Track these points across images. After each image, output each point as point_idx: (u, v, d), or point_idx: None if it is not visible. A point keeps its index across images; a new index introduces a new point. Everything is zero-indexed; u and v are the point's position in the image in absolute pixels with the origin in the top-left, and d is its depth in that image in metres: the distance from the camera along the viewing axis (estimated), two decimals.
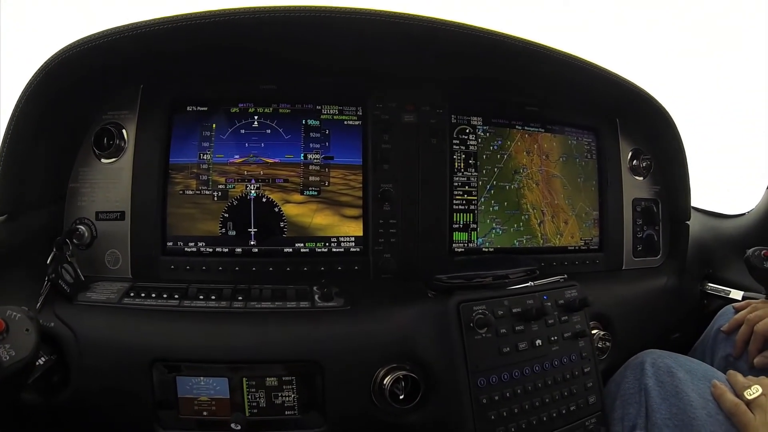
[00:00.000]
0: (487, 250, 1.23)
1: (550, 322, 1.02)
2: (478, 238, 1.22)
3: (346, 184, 1.13)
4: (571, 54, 1.08)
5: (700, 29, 1.67)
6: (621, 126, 1.36)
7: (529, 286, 1.06)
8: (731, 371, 0.98)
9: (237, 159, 1.09)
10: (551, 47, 1.05)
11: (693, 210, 1.41)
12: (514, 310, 0.99)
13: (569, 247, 1.31)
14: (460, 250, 1.21)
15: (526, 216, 1.26)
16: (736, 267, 1.39)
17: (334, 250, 1.13)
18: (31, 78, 0.90)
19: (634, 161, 1.36)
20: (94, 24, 0.93)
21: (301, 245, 1.11)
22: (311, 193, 1.12)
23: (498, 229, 1.24)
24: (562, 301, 1.05)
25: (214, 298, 0.97)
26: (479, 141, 1.22)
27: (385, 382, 0.94)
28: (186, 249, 1.08)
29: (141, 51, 0.98)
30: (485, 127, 1.22)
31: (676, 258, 1.38)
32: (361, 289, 1.06)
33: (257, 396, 0.92)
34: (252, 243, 1.10)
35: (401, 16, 0.94)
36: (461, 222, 1.21)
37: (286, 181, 1.11)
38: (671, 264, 1.38)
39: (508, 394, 0.95)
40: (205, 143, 1.09)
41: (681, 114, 1.28)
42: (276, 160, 1.10)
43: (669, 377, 0.96)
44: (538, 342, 1.00)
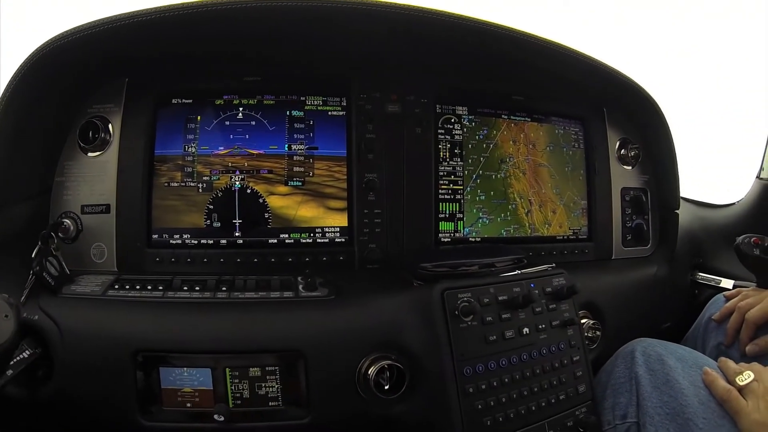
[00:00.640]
0: (474, 239, 1.20)
1: (537, 310, 0.99)
2: (464, 228, 1.19)
3: (330, 175, 1.11)
4: (557, 42, 1.05)
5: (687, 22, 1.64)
6: (608, 115, 1.33)
7: (516, 274, 1.02)
8: (722, 358, 0.94)
9: (222, 151, 1.07)
10: (536, 35, 1.02)
11: (682, 200, 1.37)
12: (500, 298, 0.96)
13: (558, 237, 1.28)
14: (446, 239, 1.17)
15: (513, 205, 1.23)
16: (726, 256, 1.36)
17: (319, 240, 1.10)
18: (15, 71, 0.88)
19: (622, 150, 1.33)
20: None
21: (286, 236, 1.08)
22: (295, 183, 1.09)
23: (485, 219, 1.20)
24: (549, 289, 1.02)
25: (198, 289, 0.94)
26: (464, 130, 1.19)
27: (369, 372, 0.92)
28: (171, 241, 1.05)
29: (125, 43, 0.96)
30: (471, 117, 1.19)
31: (666, 247, 1.34)
32: (345, 279, 1.03)
33: (241, 387, 0.90)
34: (237, 234, 1.07)
35: (384, 4, 0.92)
36: (447, 212, 1.17)
37: (270, 172, 1.08)
38: (661, 253, 1.35)
39: (495, 383, 0.91)
40: (190, 135, 1.06)
41: (668, 106, 1.25)
42: (260, 152, 1.08)
43: (660, 365, 0.93)
44: (526, 330, 0.96)
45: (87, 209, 1.03)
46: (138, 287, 0.93)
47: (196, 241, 1.06)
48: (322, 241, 1.10)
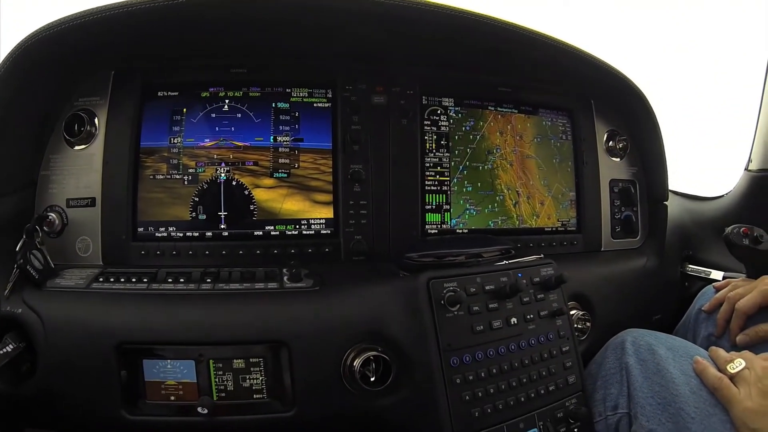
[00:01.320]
0: (461, 231, 1.16)
1: (525, 300, 0.96)
2: (451, 219, 1.16)
3: (316, 168, 1.08)
4: (543, 33, 1.02)
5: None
6: (596, 107, 1.30)
7: (503, 264, 0.99)
8: (713, 347, 0.91)
9: (207, 143, 1.04)
10: (522, 26, 0.99)
11: (671, 193, 1.34)
12: (487, 288, 0.93)
13: (546, 229, 1.24)
14: (433, 231, 1.14)
15: (501, 197, 1.20)
16: (715, 248, 1.33)
17: (305, 232, 1.07)
18: None
19: (610, 142, 1.30)
20: None
21: (271, 228, 1.06)
22: (280, 175, 1.06)
23: (472, 210, 1.17)
24: (537, 278, 0.99)
25: (182, 281, 0.92)
26: (451, 122, 1.16)
27: (355, 363, 0.88)
28: (157, 234, 1.02)
29: (111, 34, 0.93)
30: (457, 108, 1.16)
31: (655, 239, 1.31)
32: (331, 270, 1.00)
33: (225, 379, 0.87)
34: (222, 227, 1.04)
35: None
36: (434, 203, 1.14)
37: (256, 164, 1.05)
38: (650, 245, 1.31)
39: (483, 374, 0.88)
40: (176, 128, 1.03)
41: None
42: (246, 144, 1.05)
43: (650, 355, 0.90)
44: (514, 320, 0.93)
45: (72, 203, 1.00)
46: (122, 280, 0.91)
47: (182, 234, 1.03)
48: (308, 233, 1.07)
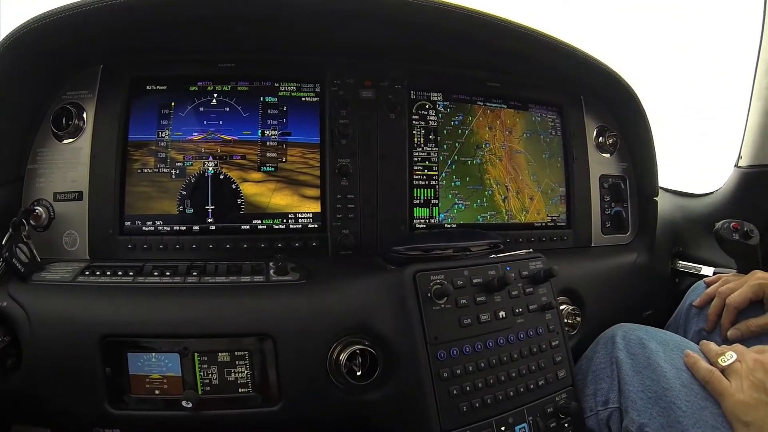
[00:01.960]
0: (449, 225, 1.14)
1: (514, 293, 0.93)
2: (439, 214, 1.13)
3: (305, 162, 1.05)
4: (532, 28, 1.00)
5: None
6: (586, 103, 1.27)
7: (492, 258, 0.96)
8: (704, 341, 0.88)
9: (195, 136, 1.02)
10: (511, 21, 0.97)
11: (661, 190, 1.31)
12: (475, 281, 0.90)
13: (536, 224, 1.22)
14: (421, 225, 1.11)
15: (490, 191, 1.17)
16: (706, 245, 1.29)
17: (292, 226, 1.04)
18: None
19: (600, 138, 1.27)
20: None
21: (259, 222, 1.03)
22: (268, 169, 1.04)
23: (460, 205, 1.14)
24: (526, 272, 0.96)
25: (168, 274, 0.89)
26: (439, 116, 1.13)
27: (341, 357, 0.86)
28: (144, 228, 1.00)
29: (100, 27, 0.91)
30: (445, 103, 1.14)
31: (646, 234, 1.28)
32: (318, 264, 0.97)
33: (209, 372, 0.84)
34: (209, 221, 1.01)
35: None
36: (422, 197, 1.11)
37: (244, 158, 1.03)
38: (641, 241, 1.28)
39: (470, 368, 0.85)
40: (164, 121, 1.01)
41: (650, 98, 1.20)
42: (233, 138, 1.03)
43: (641, 349, 0.87)
44: (502, 314, 0.90)
45: (59, 196, 0.97)
46: (108, 273, 0.88)
47: (169, 228, 1.00)
48: (295, 227, 1.04)
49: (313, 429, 0.96)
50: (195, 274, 0.89)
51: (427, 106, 1.13)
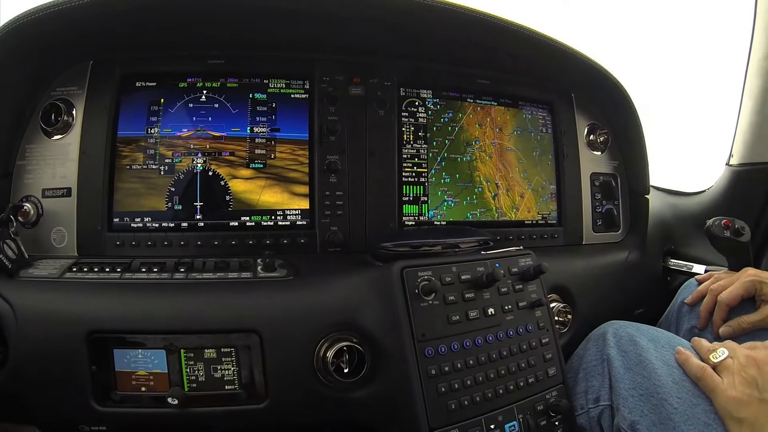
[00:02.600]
0: (439, 223, 1.10)
1: (503, 290, 0.89)
2: (429, 211, 1.10)
3: (294, 159, 1.02)
4: (524, 25, 0.97)
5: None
6: (577, 101, 1.24)
7: (481, 254, 0.93)
8: (696, 338, 0.85)
9: (185, 133, 0.99)
10: (500, 17, 0.95)
11: (653, 188, 1.28)
12: (463, 277, 0.87)
13: (526, 221, 1.18)
14: (410, 223, 1.08)
15: (480, 189, 1.14)
16: (697, 243, 1.27)
17: (280, 223, 1.01)
18: None
19: (591, 136, 1.24)
20: None
21: (247, 219, 1.00)
22: (257, 165, 1.01)
23: (450, 202, 1.11)
24: (515, 269, 0.92)
25: (156, 270, 0.87)
26: (429, 113, 1.10)
27: (328, 354, 0.83)
28: (132, 225, 0.97)
29: (87, 23, 0.89)
30: (435, 100, 1.11)
31: (637, 233, 1.25)
32: (306, 261, 0.94)
33: (196, 369, 0.81)
34: (198, 217, 0.99)
35: None
36: (411, 194, 1.08)
37: (232, 154, 1.00)
38: (632, 239, 1.25)
39: (459, 365, 0.82)
40: (153, 118, 0.99)
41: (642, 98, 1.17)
42: (222, 134, 1.00)
43: (632, 346, 0.84)
44: (491, 311, 0.87)
45: (48, 193, 0.95)
46: (96, 270, 0.86)
47: (157, 225, 0.98)
48: (284, 224, 1.02)
49: (300, 427, 0.93)
50: (182, 270, 0.87)
51: (416, 103, 1.10)
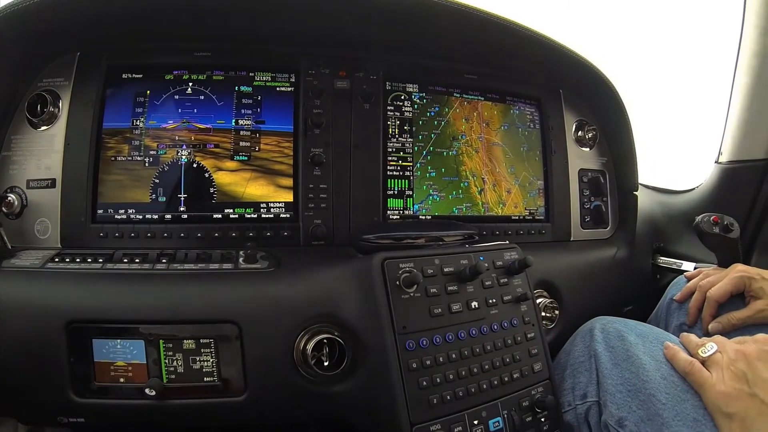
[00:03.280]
0: (424, 217, 1.07)
1: (487, 284, 0.86)
2: (414, 205, 1.06)
3: (280, 151, 0.99)
4: (513, 21, 0.95)
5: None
6: (565, 97, 1.21)
7: (465, 247, 0.89)
8: (684, 333, 0.81)
9: (170, 125, 0.96)
10: (491, 13, 0.92)
11: (642, 186, 1.25)
12: (446, 270, 0.83)
13: (513, 217, 1.14)
14: (395, 217, 1.04)
15: (466, 183, 1.10)
16: (686, 241, 1.23)
17: (264, 216, 0.98)
18: None
19: (579, 132, 1.21)
20: None
21: (231, 211, 0.97)
22: (241, 158, 0.98)
23: (435, 196, 1.07)
24: (500, 262, 0.89)
25: (138, 261, 0.84)
26: (415, 107, 1.07)
27: (308, 347, 0.79)
28: (116, 216, 0.94)
29: (74, 14, 0.87)
30: (421, 94, 1.08)
31: (626, 229, 1.21)
32: (288, 254, 0.91)
33: (175, 360, 0.78)
34: (181, 209, 0.95)
35: None
36: (396, 188, 1.05)
37: (217, 146, 0.97)
38: (621, 235, 1.21)
39: (441, 359, 0.78)
40: (139, 109, 0.96)
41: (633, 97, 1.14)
42: (207, 126, 0.97)
43: (619, 341, 0.80)
44: (474, 304, 0.83)
45: (33, 184, 0.92)
46: (78, 260, 0.83)
47: (141, 216, 0.94)
48: (267, 216, 0.98)
49: (279, 421, 0.89)
50: (164, 261, 0.84)
51: (402, 97, 1.07)
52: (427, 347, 0.78)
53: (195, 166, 0.96)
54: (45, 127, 0.93)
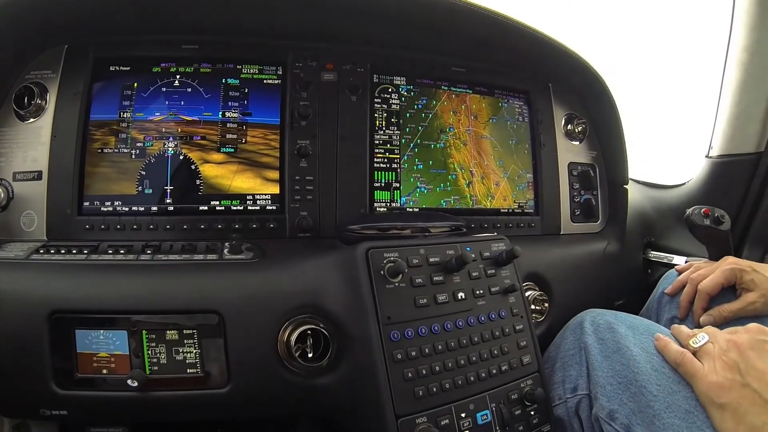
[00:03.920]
0: (411, 209, 1.03)
1: (474, 274, 0.82)
2: (401, 197, 1.03)
3: (266, 144, 0.96)
4: (501, 13, 0.92)
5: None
6: (554, 90, 1.17)
7: (452, 238, 0.86)
8: (675, 325, 0.78)
9: (157, 117, 0.94)
10: (480, 6, 0.90)
11: (633, 182, 1.22)
12: (432, 260, 0.80)
13: (502, 210, 1.11)
14: (382, 209, 1.01)
15: (454, 176, 1.07)
16: (677, 235, 1.19)
17: (250, 208, 0.95)
18: None
19: (569, 126, 1.17)
20: None
21: (217, 203, 0.94)
22: (228, 150, 0.95)
23: (423, 189, 1.04)
24: (487, 253, 0.85)
25: (123, 252, 0.81)
26: (402, 100, 1.04)
27: (291, 338, 0.76)
28: (102, 209, 0.91)
29: (63, 6, 0.85)
30: (409, 87, 1.05)
31: (616, 223, 1.17)
32: (274, 245, 0.88)
33: (157, 351, 0.75)
34: (168, 201, 0.92)
35: None
36: (383, 180, 1.02)
37: (204, 138, 0.94)
38: (611, 229, 1.17)
39: (427, 350, 0.74)
40: (126, 102, 0.93)
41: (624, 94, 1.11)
42: (194, 118, 0.94)
43: (610, 333, 0.77)
44: (461, 295, 0.80)
45: (19, 176, 0.89)
46: (63, 251, 0.80)
47: (127, 209, 0.91)
48: (253, 208, 0.95)
49: (263, 414, 0.85)
50: (149, 252, 0.82)
51: (389, 90, 1.04)
52: (412, 338, 0.75)
53: (181, 158, 0.93)
54: (32, 120, 0.90)
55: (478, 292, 0.82)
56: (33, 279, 0.75)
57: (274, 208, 0.96)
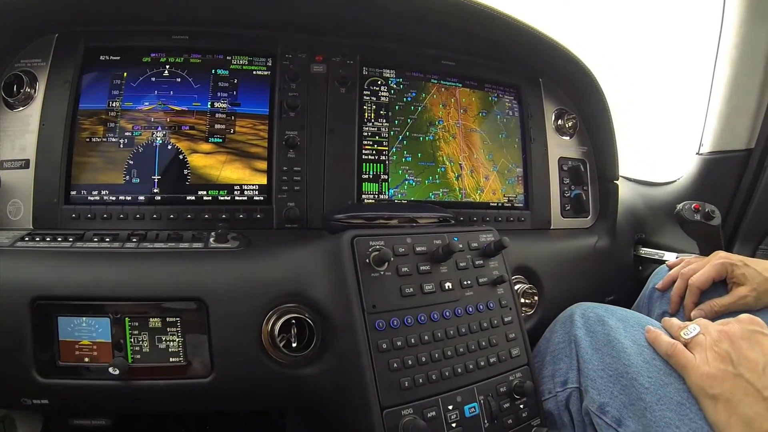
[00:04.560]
0: (399, 202, 1.00)
1: (462, 265, 0.79)
2: (389, 189, 1.00)
3: (255, 134, 0.94)
4: (491, 7, 0.90)
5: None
6: (544, 85, 1.15)
7: (438, 228, 0.83)
8: (666, 318, 0.75)
9: (146, 106, 0.91)
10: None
11: (624, 179, 1.19)
12: (418, 249, 0.76)
13: (492, 203, 1.08)
14: (370, 201, 0.98)
15: (443, 168, 1.03)
16: (668, 232, 1.17)
17: (238, 198, 0.92)
18: None
19: (559, 121, 1.14)
20: None
21: (204, 193, 0.91)
22: (216, 140, 0.92)
23: (411, 181, 1.01)
24: (475, 244, 0.82)
25: (108, 240, 0.78)
26: (391, 92, 1.01)
27: (276, 327, 0.72)
28: (89, 198, 0.88)
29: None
30: (398, 80, 1.02)
31: (607, 219, 1.14)
32: (260, 235, 0.85)
33: (140, 339, 0.72)
34: (155, 191, 0.90)
35: None
36: (371, 172, 0.99)
37: (192, 128, 0.92)
38: (602, 224, 1.14)
39: (413, 340, 0.71)
40: (115, 91, 0.90)
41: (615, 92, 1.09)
42: (183, 108, 0.92)
43: (600, 326, 0.74)
44: (448, 285, 0.76)
45: (6, 164, 0.86)
46: (48, 239, 0.77)
47: (114, 198, 0.89)
48: (241, 198, 0.92)
49: (247, 404, 0.81)
50: (135, 240, 0.79)
51: (379, 82, 1.01)
52: (398, 327, 0.71)
53: (169, 147, 0.90)
54: (21, 108, 0.88)
55: (465, 283, 0.79)
56: (16, 265, 0.72)
57: (262, 198, 0.93)
